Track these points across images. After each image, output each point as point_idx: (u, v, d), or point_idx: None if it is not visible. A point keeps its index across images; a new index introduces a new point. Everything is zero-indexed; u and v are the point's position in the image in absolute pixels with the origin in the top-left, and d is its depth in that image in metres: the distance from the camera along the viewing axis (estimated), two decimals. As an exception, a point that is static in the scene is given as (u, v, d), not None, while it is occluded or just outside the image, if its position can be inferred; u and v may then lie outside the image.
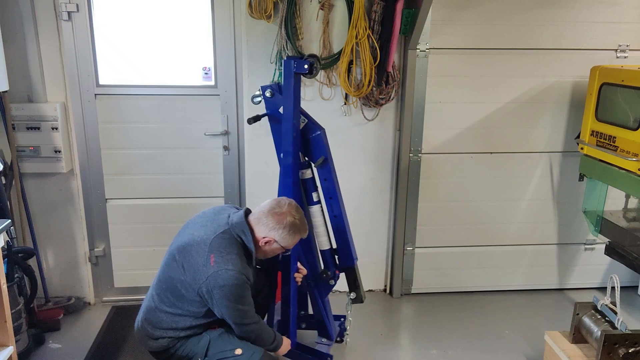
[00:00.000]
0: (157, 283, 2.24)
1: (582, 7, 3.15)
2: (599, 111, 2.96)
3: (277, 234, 2.17)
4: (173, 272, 2.14)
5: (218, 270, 2.04)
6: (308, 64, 2.29)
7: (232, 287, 2.04)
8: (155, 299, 2.22)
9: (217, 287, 2.04)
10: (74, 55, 3.02)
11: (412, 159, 3.29)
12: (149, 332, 2.21)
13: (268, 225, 2.16)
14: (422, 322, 3.28)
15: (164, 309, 2.18)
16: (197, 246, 2.10)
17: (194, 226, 2.21)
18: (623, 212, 3.19)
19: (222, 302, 2.06)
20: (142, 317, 2.26)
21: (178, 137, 3.22)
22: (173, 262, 2.15)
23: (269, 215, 2.17)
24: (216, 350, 2.20)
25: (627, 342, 2.34)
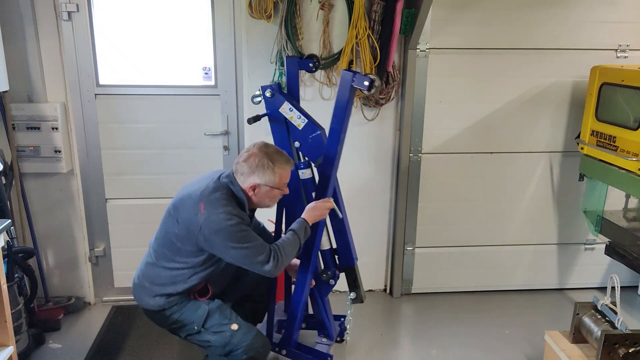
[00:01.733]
0: (154, 240, 2.27)
1: (582, 7, 3.15)
2: (599, 111, 2.96)
3: (257, 177, 2.15)
4: (169, 227, 2.17)
5: (209, 216, 2.05)
6: (369, 81, 2.20)
7: (227, 229, 2.04)
8: (153, 255, 2.25)
9: (213, 233, 2.04)
10: (74, 55, 3.02)
11: (412, 159, 3.29)
12: (146, 288, 2.23)
13: (244, 173, 2.16)
14: (422, 322, 3.28)
15: (162, 264, 2.20)
16: (188, 199, 2.13)
17: (189, 186, 2.24)
18: (623, 212, 3.19)
19: (226, 247, 2.06)
20: (141, 274, 2.28)
21: (178, 137, 3.22)
22: (168, 218, 2.18)
23: (241, 164, 2.18)
24: (213, 323, 2.21)
25: (627, 342, 2.34)
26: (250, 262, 2.11)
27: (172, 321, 2.23)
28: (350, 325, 2.83)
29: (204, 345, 2.29)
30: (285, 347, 2.66)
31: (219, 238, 2.05)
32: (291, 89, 2.55)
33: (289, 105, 2.42)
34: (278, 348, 2.68)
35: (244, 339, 2.20)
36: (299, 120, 2.43)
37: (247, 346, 2.20)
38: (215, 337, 2.21)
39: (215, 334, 2.21)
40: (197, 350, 2.85)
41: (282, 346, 2.67)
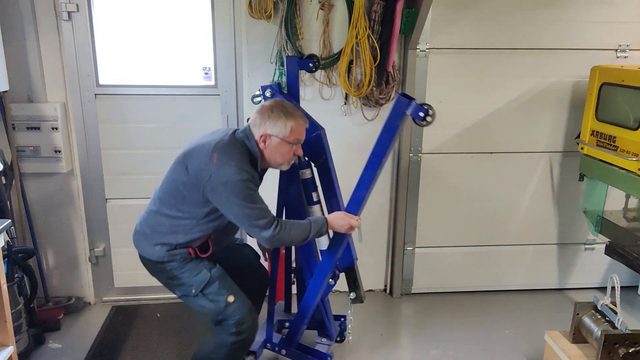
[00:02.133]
0: (159, 188, 2.25)
1: (582, 7, 3.15)
2: (599, 111, 2.96)
3: (268, 127, 2.12)
4: (176, 175, 2.15)
5: (220, 166, 2.02)
6: (424, 113, 2.11)
7: (236, 182, 2.01)
8: (156, 202, 2.22)
9: (221, 183, 2.01)
10: (74, 55, 3.02)
11: (412, 159, 3.29)
12: (147, 235, 2.22)
13: (256, 124, 2.15)
14: (422, 322, 3.28)
15: (165, 211, 2.17)
16: (201, 148, 2.11)
17: (201, 138, 2.22)
18: (623, 212, 3.19)
19: (230, 201, 2.02)
20: (143, 220, 2.27)
21: (178, 137, 3.21)
22: (177, 166, 2.16)
23: (255, 115, 2.17)
24: (212, 290, 2.19)
25: (627, 342, 2.34)
26: (250, 223, 2.07)
27: (170, 276, 2.22)
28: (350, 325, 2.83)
29: (194, 309, 2.28)
30: (286, 347, 2.66)
31: (225, 190, 2.01)
32: (291, 89, 2.55)
33: (289, 105, 2.42)
34: (278, 348, 2.69)
35: (237, 311, 2.19)
36: None
37: (240, 319, 2.19)
38: (210, 304, 2.20)
39: (211, 302, 2.19)
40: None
41: (282, 346, 2.67)
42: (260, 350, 2.69)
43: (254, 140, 2.15)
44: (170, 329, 3.10)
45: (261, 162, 2.19)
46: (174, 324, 3.15)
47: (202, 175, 2.05)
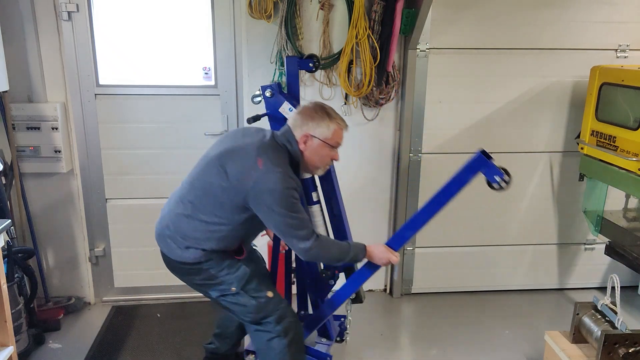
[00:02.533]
0: (190, 190, 2.10)
1: (582, 7, 3.15)
2: (599, 111, 2.96)
3: (311, 127, 2.07)
4: (213, 178, 2.02)
5: (266, 172, 1.94)
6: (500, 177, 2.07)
7: (282, 190, 1.93)
8: (188, 207, 2.08)
9: (266, 190, 1.93)
10: (74, 55, 3.02)
11: (412, 159, 3.29)
12: (178, 240, 2.09)
13: (297, 125, 2.09)
14: (422, 322, 3.28)
15: (200, 217, 2.05)
16: (242, 151, 2.02)
17: (233, 138, 2.13)
18: (623, 212, 3.19)
19: (273, 209, 1.95)
20: (171, 225, 2.11)
21: (178, 137, 3.22)
22: (213, 168, 2.04)
23: (296, 116, 2.13)
24: (253, 286, 2.12)
25: (627, 342, 2.34)
26: (289, 233, 2.00)
27: (208, 276, 2.10)
28: (350, 325, 2.83)
29: (234, 309, 2.17)
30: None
31: (270, 198, 1.93)
32: (291, 88, 2.54)
33: (289, 105, 2.42)
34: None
35: (277, 307, 2.15)
36: None
37: (280, 315, 2.15)
38: (251, 301, 2.11)
39: (252, 299, 2.11)
40: (197, 350, 2.86)
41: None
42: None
43: (295, 144, 2.09)
44: (170, 329, 3.10)
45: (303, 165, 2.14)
46: (174, 324, 3.15)
47: (245, 181, 1.96)
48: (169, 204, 2.21)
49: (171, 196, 2.25)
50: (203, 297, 3.34)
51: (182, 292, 3.44)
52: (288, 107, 2.42)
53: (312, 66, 2.58)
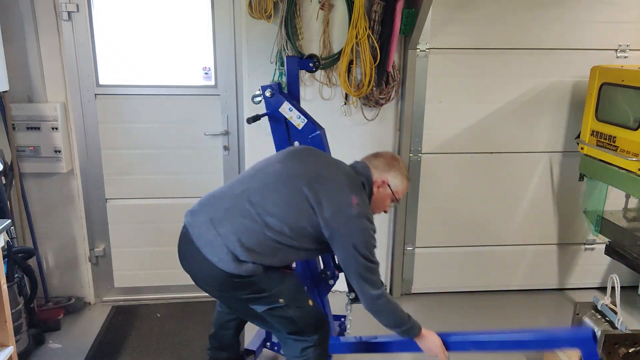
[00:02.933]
0: (263, 204, 1.94)
1: (582, 7, 3.15)
2: (599, 111, 2.96)
3: (390, 176, 2.10)
4: (302, 204, 1.93)
5: (360, 212, 1.93)
6: None
7: (369, 233, 1.94)
8: (260, 223, 1.92)
9: (357, 230, 1.92)
10: (74, 55, 3.02)
11: (412, 159, 3.29)
12: (238, 252, 1.89)
13: (379, 168, 2.10)
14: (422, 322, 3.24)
15: (272, 236, 1.92)
16: (335, 183, 1.98)
17: (315, 162, 2.08)
18: (623, 212, 3.19)
19: (358, 250, 1.92)
20: (230, 233, 1.92)
21: (178, 137, 3.22)
22: (299, 193, 1.94)
23: (378, 157, 2.14)
24: (299, 297, 2.09)
25: (627, 342, 2.34)
26: (365, 277, 1.96)
27: (257, 289, 1.96)
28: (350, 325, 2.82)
29: (279, 322, 2.08)
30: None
31: (358, 238, 1.92)
32: (291, 88, 2.55)
33: (289, 105, 2.42)
34: (277, 347, 2.69)
35: (316, 316, 2.13)
36: (299, 120, 2.43)
37: (317, 324, 2.12)
38: (298, 312, 2.06)
39: (298, 309, 2.06)
40: (197, 350, 2.86)
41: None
42: (259, 349, 2.69)
43: (370, 186, 2.09)
44: (170, 329, 3.10)
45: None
46: (174, 324, 3.15)
47: (338, 218, 1.92)
48: (228, 212, 1.98)
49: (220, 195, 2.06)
50: (203, 297, 3.40)
51: (182, 292, 3.45)
52: (288, 107, 2.42)
53: (312, 66, 2.58)
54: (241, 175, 2.16)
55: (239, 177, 2.16)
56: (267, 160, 2.16)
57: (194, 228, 2.00)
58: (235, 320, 2.44)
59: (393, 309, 2.09)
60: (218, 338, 2.46)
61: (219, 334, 2.45)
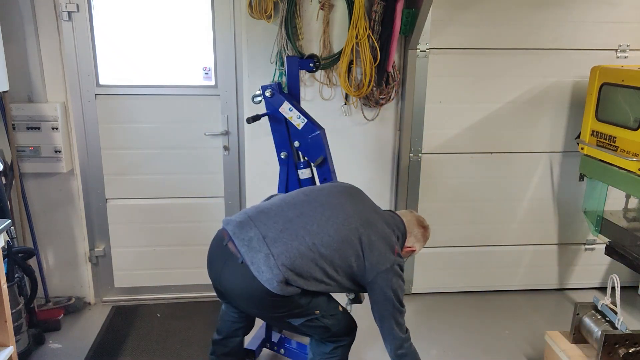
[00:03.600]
0: (327, 238, 1.99)
1: (582, 7, 3.16)
2: (599, 111, 2.96)
3: (419, 246, 2.30)
4: (352, 242, 2.01)
5: (400, 262, 2.09)
6: None
7: (402, 281, 2.09)
8: (313, 251, 1.95)
9: (395, 277, 2.04)
10: (74, 55, 3.02)
11: (412, 159, 3.29)
12: (287, 276, 1.89)
13: (417, 237, 2.29)
14: (422, 322, 3.28)
15: (323, 266, 1.97)
16: (382, 231, 2.09)
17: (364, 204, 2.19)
18: (623, 212, 3.19)
19: (394, 295, 2.05)
20: (284, 257, 1.91)
21: (178, 137, 3.22)
22: (356, 231, 2.03)
23: (418, 226, 2.30)
24: (331, 305, 2.14)
25: (627, 342, 2.34)
26: (397, 321, 2.10)
27: (294, 305, 1.99)
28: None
29: (316, 331, 2.15)
30: (284, 346, 2.66)
31: (395, 284, 2.05)
32: (291, 89, 2.55)
33: (289, 105, 2.42)
34: (277, 347, 2.69)
35: (346, 319, 2.20)
36: (299, 120, 2.44)
37: (348, 327, 2.21)
38: (332, 320, 2.12)
39: (332, 317, 2.13)
40: (197, 350, 2.86)
41: (282, 345, 2.68)
42: (259, 349, 2.69)
43: (403, 243, 2.22)
44: (170, 329, 3.10)
45: None
46: (174, 324, 3.15)
47: (381, 263, 2.03)
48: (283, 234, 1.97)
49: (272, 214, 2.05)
50: (203, 297, 3.40)
51: (182, 292, 3.45)
52: (288, 107, 2.43)
53: (312, 66, 2.59)
54: (292, 198, 2.17)
55: (288, 198, 2.17)
56: (320, 188, 2.26)
57: (243, 241, 1.96)
58: (243, 327, 2.43)
59: (415, 353, 2.20)
60: (226, 345, 2.44)
61: (227, 341, 2.44)
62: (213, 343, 2.46)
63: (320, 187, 2.29)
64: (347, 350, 2.26)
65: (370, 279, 2.04)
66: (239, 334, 2.43)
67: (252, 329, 2.50)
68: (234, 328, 2.40)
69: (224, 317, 2.40)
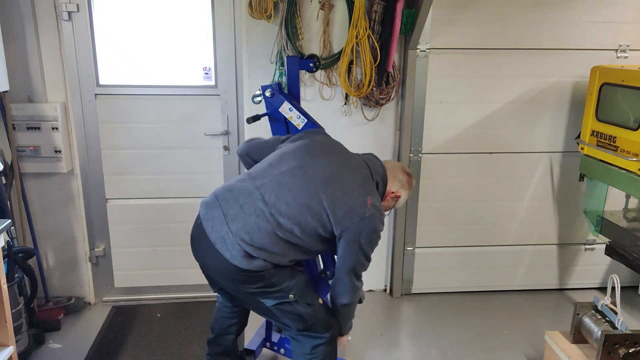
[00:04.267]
0: (278, 204, 1.97)
1: (582, 7, 3.16)
2: (599, 111, 2.96)
3: (405, 193, 2.26)
4: (314, 204, 1.96)
5: (375, 213, 2.00)
6: None
7: (377, 233, 2.03)
8: (272, 223, 1.95)
9: (368, 230, 1.98)
10: (74, 55, 3.02)
11: (412, 159, 3.29)
12: (250, 249, 1.93)
13: (402, 182, 2.23)
14: (422, 322, 3.28)
15: (282, 236, 1.96)
16: (349, 184, 2.02)
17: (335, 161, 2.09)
18: (623, 212, 3.19)
19: (363, 247, 2.01)
20: (244, 234, 1.95)
21: (178, 137, 3.22)
22: (315, 194, 1.97)
23: (403, 172, 2.25)
24: (308, 294, 2.12)
25: (627, 342, 2.34)
26: (356, 272, 2.08)
27: (268, 283, 2.00)
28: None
29: (287, 317, 2.11)
30: (284, 346, 2.67)
31: (367, 237, 1.99)
32: (291, 88, 2.55)
33: (289, 105, 2.43)
34: (277, 347, 2.69)
35: (326, 314, 2.17)
36: (299, 120, 2.44)
37: (328, 322, 2.18)
38: (307, 309, 2.10)
39: (308, 306, 2.10)
40: (197, 350, 2.86)
41: (281, 345, 2.68)
42: (259, 349, 2.69)
43: (383, 192, 2.18)
44: (170, 329, 3.10)
45: None
46: (174, 324, 3.15)
47: (350, 217, 1.96)
48: (242, 209, 2.00)
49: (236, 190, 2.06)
50: (203, 297, 3.40)
51: (182, 292, 3.45)
52: (288, 107, 2.43)
53: (312, 66, 2.59)
54: (256, 168, 2.16)
55: (254, 169, 2.16)
56: (283, 153, 2.14)
57: (208, 221, 2.03)
58: (237, 324, 2.44)
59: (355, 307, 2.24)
60: (219, 343, 2.46)
61: (220, 339, 2.46)
62: (208, 343, 2.50)
63: (286, 149, 2.16)
64: (328, 350, 2.19)
65: (337, 234, 1.99)
66: (232, 332, 2.44)
67: (245, 327, 2.52)
68: (227, 325, 2.43)
69: (217, 313, 2.45)
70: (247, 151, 2.32)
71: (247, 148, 2.34)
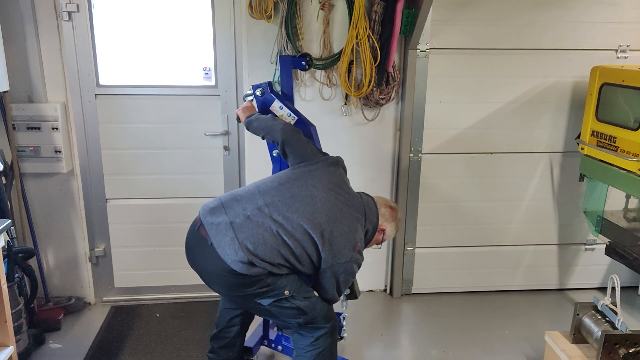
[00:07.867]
0: (290, 229, 2.05)
1: (582, 7, 3.16)
2: (599, 111, 2.96)
3: (390, 226, 2.33)
4: (315, 236, 2.06)
5: (358, 258, 2.16)
6: None
7: (354, 274, 2.22)
8: (278, 240, 2.03)
9: (348, 271, 2.14)
10: (74, 55, 3.02)
11: (412, 159, 3.29)
12: (252, 258, 1.99)
13: (384, 216, 2.31)
14: (422, 322, 3.28)
15: (285, 253, 2.04)
16: (347, 226, 2.13)
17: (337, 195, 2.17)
18: (623, 212, 3.19)
19: (339, 281, 2.16)
20: (249, 243, 2.00)
21: (178, 137, 3.22)
22: (318, 226, 2.06)
23: (386, 206, 2.33)
24: (303, 288, 2.16)
25: (627, 342, 2.34)
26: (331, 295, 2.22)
27: (264, 284, 2.06)
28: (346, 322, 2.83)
29: (286, 314, 2.15)
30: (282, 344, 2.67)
31: (345, 276, 2.15)
32: (284, 87, 2.57)
33: (279, 104, 2.45)
34: (275, 344, 2.69)
35: (323, 306, 2.22)
36: (290, 117, 2.47)
37: (327, 313, 2.22)
38: (306, 302, 2.15)
39: (305, 300, 2.15)
40: (197, 350, 2.86)
41: (279, 342, 2.68)
42: (257, 347, 2.69)
43: (375, 231, 2.27)
44: (170, 329, 3.10)
45: None
46: (174, 324, 3.15)
47: (340, 257, 2.10)
48: (249, 220, 2.05)
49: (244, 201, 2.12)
50: (203, 297, 3.40)
51: (182, 292, 3.45)
52: (279, 105, 2.45)
53: (305, 64, 2.60)
54: (265, 184, 2.20)
55: (261, 184, 2.21)
56: (297, 176, 2.21)
57: (212, 225, 2.07)
58: (241, 316, 2.46)
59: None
60: (223, 336, 2.48)
61: (223, 332, 2.48)
62: (211, 339, 2.51)
63: (297, 173, 2.23)
64: (329, 341, 2.24)
65: (322, 268, 2.12)
66: (236, 323, 2.46)
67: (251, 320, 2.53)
68: (230, 316, 2.45)
69: (220, 306, 2.49)
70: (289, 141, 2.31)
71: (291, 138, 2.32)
